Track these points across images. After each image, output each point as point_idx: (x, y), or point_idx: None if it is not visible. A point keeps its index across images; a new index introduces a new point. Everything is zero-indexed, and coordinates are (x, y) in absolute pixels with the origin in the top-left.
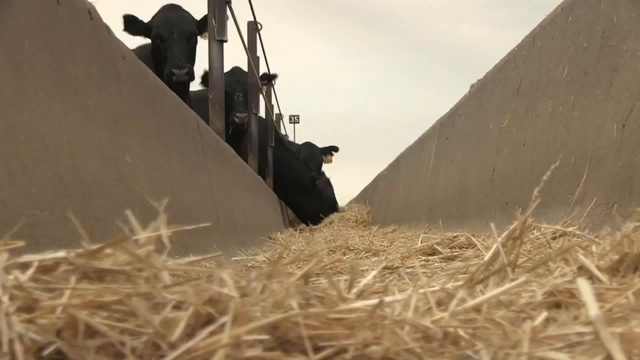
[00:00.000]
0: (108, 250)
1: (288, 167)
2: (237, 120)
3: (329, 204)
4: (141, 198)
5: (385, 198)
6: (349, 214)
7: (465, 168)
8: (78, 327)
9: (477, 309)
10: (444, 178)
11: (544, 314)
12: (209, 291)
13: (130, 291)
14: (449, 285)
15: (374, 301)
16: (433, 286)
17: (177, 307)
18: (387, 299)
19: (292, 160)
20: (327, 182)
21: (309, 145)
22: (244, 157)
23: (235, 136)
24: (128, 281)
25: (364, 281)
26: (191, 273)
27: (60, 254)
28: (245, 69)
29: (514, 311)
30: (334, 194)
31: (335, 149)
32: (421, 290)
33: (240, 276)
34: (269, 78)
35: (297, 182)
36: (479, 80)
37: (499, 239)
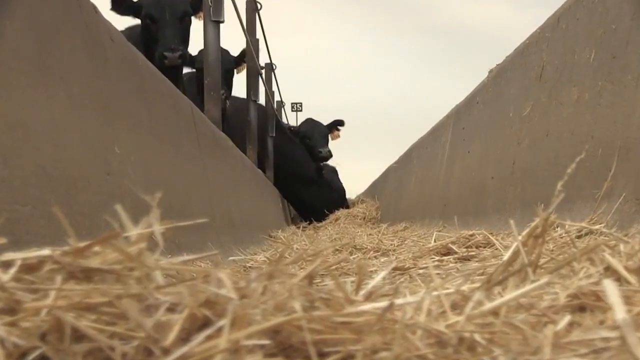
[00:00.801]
0: (96, 248)
1: (290, 157)
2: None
3: (338, 195)
4: (131, 192)
5: (395, 193)
6: (356, 210)
7: (482, 160)
8: (64, 330)
9: (495, 312)
10: (459, 171)
11: (567, 318)
12: (206, 292)
13: (120, 292)
14: (465, 287)
15: (383, 304)
16: (447, 288)
17: (171, 309)
18: (398, 301)
19: (294, 150)
20: (334, 171)
21: (309, 121)
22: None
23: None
24: (118, 281)
25: (372, 282)
26: (186, 273)
27: (45, 252)
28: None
29: (534, 315)
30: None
31: (340, 122)
32: (434, 293)
33: (239, 277)
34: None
35: (300, 173)
36: (498, 65)
37: (519, 238)
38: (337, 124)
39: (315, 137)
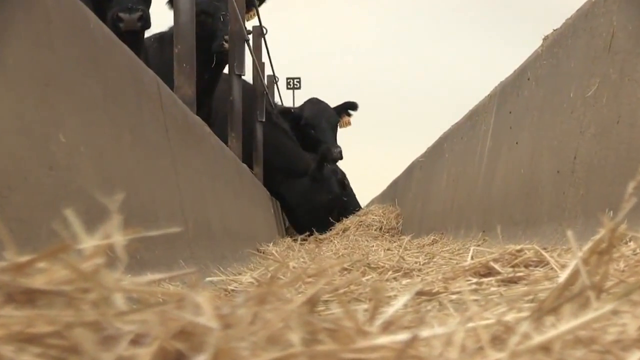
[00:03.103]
0: (41, 264)
1: (273, 146)
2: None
3: (334, 199)
4: (82, 192)
5: (421, 196)
6: (370, 218)
7: (534, 154)
8: None
9: (546, 347)
10: (504, 168)
11: (637, 355)
12: (180, 320)
13: (71, 320)
14: (509, 317)
15: (404, 336)
16: (487, 318)
17: (136, 341)
18: (423, 333)
19: (280, 139)
20: (333, 171)
21: (315, 103)
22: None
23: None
24: (69, 306)
25: (391, 310)
26: (154, 296)
27: None
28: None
29: (596, 351)
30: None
31: (352, 106)
32: (470, 324)
33: (221, 301)
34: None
35: (285, 167)
36: (555, 31)
37: (579, 254)
38: (349, 107)
39: (324, 127)
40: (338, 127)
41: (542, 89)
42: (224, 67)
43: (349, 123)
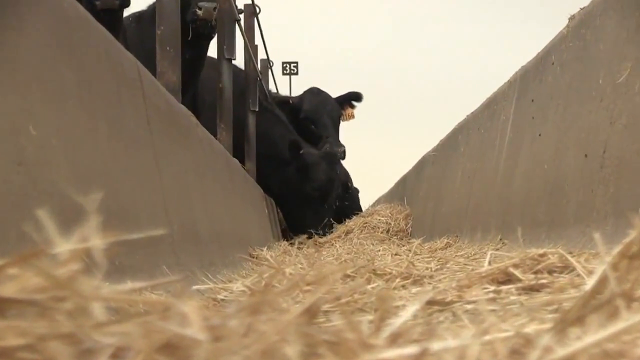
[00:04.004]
0: (11, 271)
1: (261, 136)
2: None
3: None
4: (54, 190)
5: (433, 194)
6: (375, 219)
7: (559, 147)
8: None
9: None
10: (526, 162)
11: None
12: (165, 332)
13: (45, 331)
14: (530, 328)
15: (413, 349)
16: (505, 330)
17: (117, 355)
18: (434, 347)
19: (266, 123)
20: (327, 155)
21: (315, 94)
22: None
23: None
24: (42, 317)
25: (399, 321)
26: (137, 306)
27: None
28: None
29: None
30: (350, 180)
31: (357, 97)
32: (486, 337)
33: (210, 312)
34: None
35: (273, 155)
36: (582, 10)
37: (608, 259)
38: (353, 98)
39: (325, 121)
40: (341, 120)
41: (568, 74)
42: (206, 45)
43: (352, 116)
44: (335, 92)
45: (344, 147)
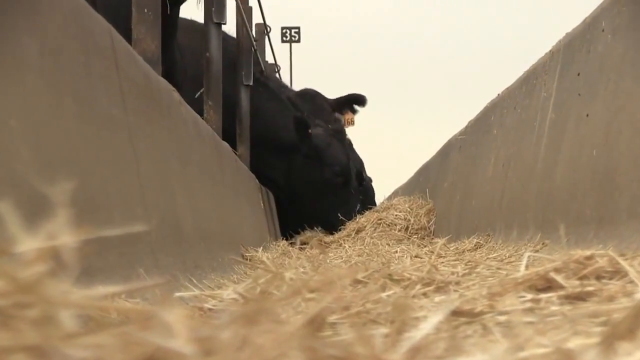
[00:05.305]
0: None
1: (255, 115)
2: None
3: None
4: (14, 180)
5: (460, 185)
6: (392, 215)
7: (610, 130)
8: None
9: None
10: (570, 149)
11: None
12: (146, 345)
13: (8, 343)
14: (573, 344)
15: None
16: (544, 345)
17: None
18: None
19: (261, 100)
20: (335, 133)
21: (310, 97)
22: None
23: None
24: (4, 326)
25: (419, 334)
26: (113, 314)
27: None
28: None
29: None
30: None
31: (359, 100)
32: (522, 354)
33: (198, 321)
34: None
35: (273, 138)
36: None
37: None
38: (354, 101)
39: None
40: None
41: (622, 43)
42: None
43: (352, 122)
44: (341, 65)
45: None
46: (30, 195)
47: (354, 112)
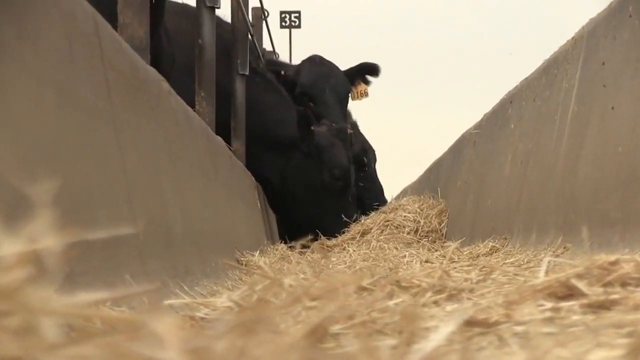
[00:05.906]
0: None
1: (251, 109)
2: None
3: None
4: None
5: (475, 184)
6: (400, 216)
7: (638, 124)
8: None
9: None
10: (594, 144)
11: None
12: (135, 356)
13: None
14: (596, 356)
15: None
16: (565, 358)
17: None
18: None
19: (258, 93)
20: (338, 132)
21: (316, 63)
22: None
23: None
24: None
25: (429, 345)
26: (98, 323)
27: None
28: None
29: None
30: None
31: (372, 69)
32: None
33: (190, 332)
34: None
35: (273, 139)
36: None
37: None
38: (366, 71)
39: (327, 99)
40: (350, 98)
41: None
42: None
43: (365, 94)
44: (345, 52)
45: (351, 130)
46: (8, 194)
47: (367, 82)
